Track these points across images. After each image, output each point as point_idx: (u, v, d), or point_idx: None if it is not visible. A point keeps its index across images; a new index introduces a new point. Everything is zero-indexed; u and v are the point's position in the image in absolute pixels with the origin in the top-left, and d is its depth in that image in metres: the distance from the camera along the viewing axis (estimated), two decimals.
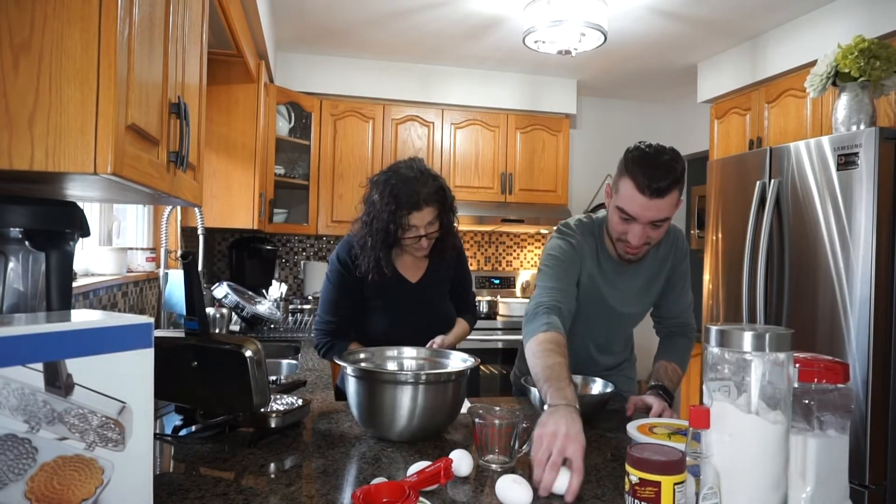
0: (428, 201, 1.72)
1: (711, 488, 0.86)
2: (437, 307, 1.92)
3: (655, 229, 1.51)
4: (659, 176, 1.43)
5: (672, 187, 1.44)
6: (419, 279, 1.89)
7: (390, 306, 1.86)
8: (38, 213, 1.01)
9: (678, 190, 1.47)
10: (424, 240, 1.76)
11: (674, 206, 1.49)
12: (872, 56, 2.28)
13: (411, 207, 1.70)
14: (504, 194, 4.17)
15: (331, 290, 1.86)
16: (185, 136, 1.24)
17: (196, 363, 1.24)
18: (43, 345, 0.76)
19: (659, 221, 1.49)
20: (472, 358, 1.48)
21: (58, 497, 0.77)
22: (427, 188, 1.73)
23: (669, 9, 3.08)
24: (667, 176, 1.43)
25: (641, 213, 1.47)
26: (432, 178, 1.78)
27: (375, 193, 1.75)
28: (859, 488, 2.13)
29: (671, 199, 1.46)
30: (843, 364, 0.98)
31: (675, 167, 1.45)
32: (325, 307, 1.88)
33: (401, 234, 1.73)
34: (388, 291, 1.83)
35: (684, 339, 1.80)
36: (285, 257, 4.25)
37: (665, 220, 1.50)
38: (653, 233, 1.52)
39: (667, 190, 1.44)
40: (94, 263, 2.05)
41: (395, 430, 1.32)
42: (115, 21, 0.86)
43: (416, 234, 1.74)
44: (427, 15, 3.25)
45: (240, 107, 3.10)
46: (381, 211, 1.71)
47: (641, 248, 1.55)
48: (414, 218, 1.72)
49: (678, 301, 1.79)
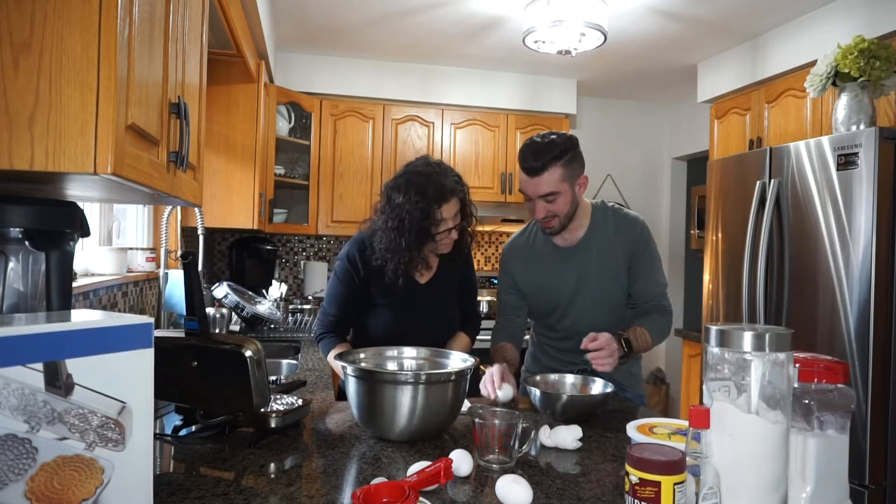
0: (454, 192, 1.75)
1: (711, 488, 0.86)
2: (442, 310, 1.91)
3: (551, 203, 1.73)
4: (531, 158, 1.70)
5: (548, 165, 1.69)
6: (428, 280, 1.89)
7: (396, 305, 1.87)
8: (38, 213, 1.01)
9: (560, 166, 1.70)
10: (454, 231, 1.77)
11: (557, 181, 1.71)
12: (872, 56, 2.28)
13: (441, 200, 1.72)
14: (504, 194, 4.17)
15: (337, 285, 1.87)
16: (185, 136, 1.24)
17: (196, 363, 1.24)
18: (43, 345, 0.76)
19: (548, 196, 1.72)
20: (472, 358, 1.48)
21: (58, 497, 0.77)
22: (448, 179, 1.76)
23: (669, 9, 3.08)
24: (539, 157, 1.69)
25: (529, 189, 1.74)
26: (449, 170, 1.81)
27: (399, 196, 1.73)
28: (859, 488, 2.13)
29: (551, 174, 1.70)
30: (843, 364, 0.98)
31: (553, 148, 1.70)
32: (328, 300, 1.89)
33: (434, 230, 1.74)
34: (395, 290, 1.83)
35: (658, 315, 1.83)
36: (285, 257, 4.25)
37: (553, 193, 1.71)
38: (551, 206, 1.74)
39: (541, 168, 1.69)
40: (94, 263, 2.05)
41: (395, 430, 1.32)
42: (115, 21, 0.86)
43: (447, 227, 1.75)
44: (427, 15, 3.25)
45: (240, 107, 3.10)
46: (412, 210, 1.71)
47: (552, 221, 1.77)
48: (444, 210, 1.73)
49: (647, 286, 1.84)
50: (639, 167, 4.82)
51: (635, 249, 1.82)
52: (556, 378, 1.68)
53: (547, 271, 1.87)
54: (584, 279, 1.83)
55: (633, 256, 1.82)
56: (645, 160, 4.86)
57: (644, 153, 4.85)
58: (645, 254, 1.83)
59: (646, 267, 1.84)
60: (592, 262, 1.83)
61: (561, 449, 1.32)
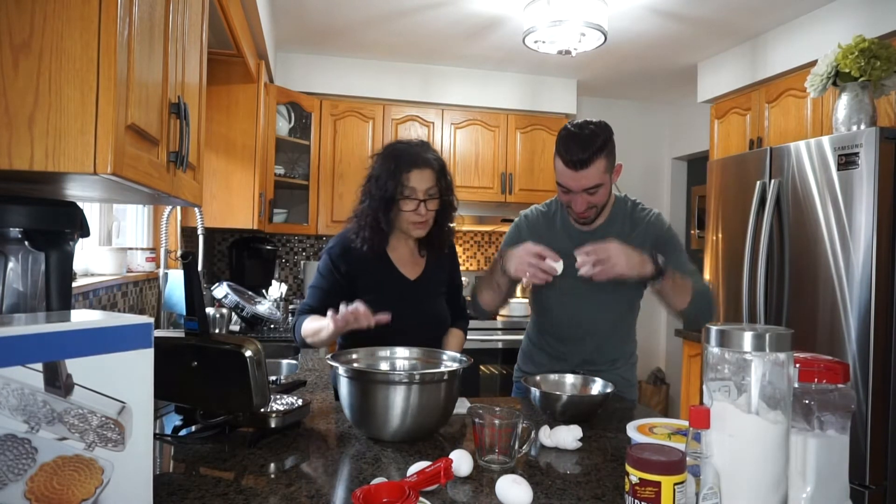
0: (428, 163, 1.74)
1: (711, 488, 0.86)
2: (432, 307, 1.90)
3: (593, 195, 1.69)
4: (578, 150, 1.63)
5: (594, 157, 1.63)
6: (417, 277, 1.88)
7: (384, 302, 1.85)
8: (38, 213, 1.01)
9: (602, 158, 1.65)
10: (423, 207, 1.73)
11: (601, 172, 1.66)
12: (872, 56, 2.28)
13: (411, 165, 1.71)
14: (504, 194, 4.17)
15: (318, 278, 1.86)
16: (185, 136, 1.24)
17: (196, 363, 1.24)
18: (43, 345, 0.76)
19: (592, 188, 1.67)
20: (465, 357, 1.47)
21: (57, 497, 0.77)
22: (427, 153, 1.76)
23: (669, 9, 3.08)
24: (585, 149, 1.62)
25: (573, 184, 1.67)
26: (433, 150, 1.81)
27: (376, 162, 1.77)
28: (859, 488, 2.13)
29: (596, 167, 1.64)
30: (843, 364, 0.98)
31: (595, 139, 1.64)
32: (309, 292, 1.88)
33: (399, 196, 1.72)
34: (383, 287, 1.81)
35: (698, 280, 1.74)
36: (285, 257, 4.25)
37: (597, 186, 1.67)
38: (592, 198, 1.69)
39: (588, 161, 1.63)
40: (94, 263, 2.05)
41: (388, 430, 1.32)
42: (114, 21, 0.86)
43: (415, 197, 1.72)
44: (427, 15, 3.25)
45: (240, 107, 3.10)
46: (381, 171, 1.72)
47: (589, 212, 1.74)
48: (413, 177, 1.71)
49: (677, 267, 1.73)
50: (639, 167, 4.82)
51: (658, 234, 1.78)
52: (556, 378, 1.68)
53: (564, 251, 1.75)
54: None
55: (655, 242, 1.75)
56: (645, 160, 4.86)
57: (644, 153, 4.85)
58: (669, 237, 1.79)
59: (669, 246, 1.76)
60: None
61: (561, 449, 1.32)
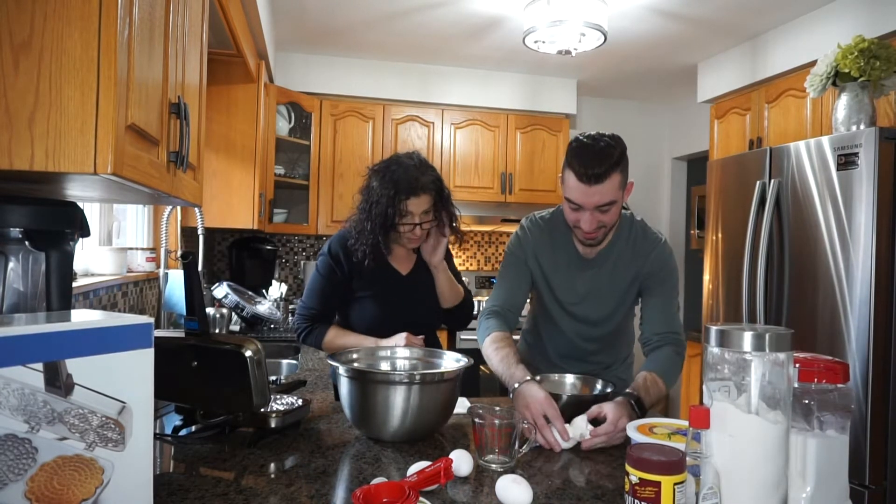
0: (425, 189, 1.76)
1: (711, 488, 0.86)
2: (424, 301, 1.93)
3: (605, 213, 1.56)
4: (595, 163, 1.50)
5: (609, 172, 1.50)
6: (409, 271, 1.92)
7: (378, 297, 1.88)
8: (38, 213, 1.01)
9: (618, 173, 1.52)
10: (418, 229, 1.78)
11: (616, 188, 1.53)
12: (872, 56, 2.28)
13: (409, 193, 1.74)
14: (504, 194, 4.16)
15: (318, 279, 1.88)
16: (185, 136, 1.24)
17: (196, 363, 1.24)
18: (43, 345, 0.76)
19: (605, 206, 1.55)
20: (466, 358, 1.48)
21: (58, 497, 0.77)
22: (425, 177, 1.77)
23: (669, 9, 3.08)
24: (602, 162, 1.50)
25: (585, 200, 1.54)
26: (430, 168, 1.82)
27: (375, 181, 1.79)
28: (859, 488, 2.13)
29: (611, 183, 1.52)
30: (843, 364, 0.97)
31: (612, 153, 1.51)
32: (309, 294, 1.90)
33: (398, 220, 1.76)
34: (377, 282, 1.85)
35: (670, 351, 1.61)
36: (285, 257, 4.25)
37: (610, 203, 1.55)
38: (603, 217, 1.57)
39: (604, 175, 1.50)
40: (94, 263, 2.05)
41: (388, 430, 1.32)
42: (115, 21, 0.86)
43: (412, 220, 1.77)
44: (427, 15, 3.25)
45: (240, 107, 3.10)
46: (381, 196, 1.75)
47: (597, 232, 1.60)
48: (411, 204, 1.75)
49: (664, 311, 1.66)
50: (639, 167, 4.81)
51: (652, 267, 1.67)
52: (556, 378, 1.68)
53: (560, 275, 1.73)
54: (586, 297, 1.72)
55: (648, 275, 1.67)
56: (645, 160, 4.86)
57: (644, 153, 4.85)
58: (662, 273, 1.68)
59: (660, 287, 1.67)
60: (604, 279, 1.70)
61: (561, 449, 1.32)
